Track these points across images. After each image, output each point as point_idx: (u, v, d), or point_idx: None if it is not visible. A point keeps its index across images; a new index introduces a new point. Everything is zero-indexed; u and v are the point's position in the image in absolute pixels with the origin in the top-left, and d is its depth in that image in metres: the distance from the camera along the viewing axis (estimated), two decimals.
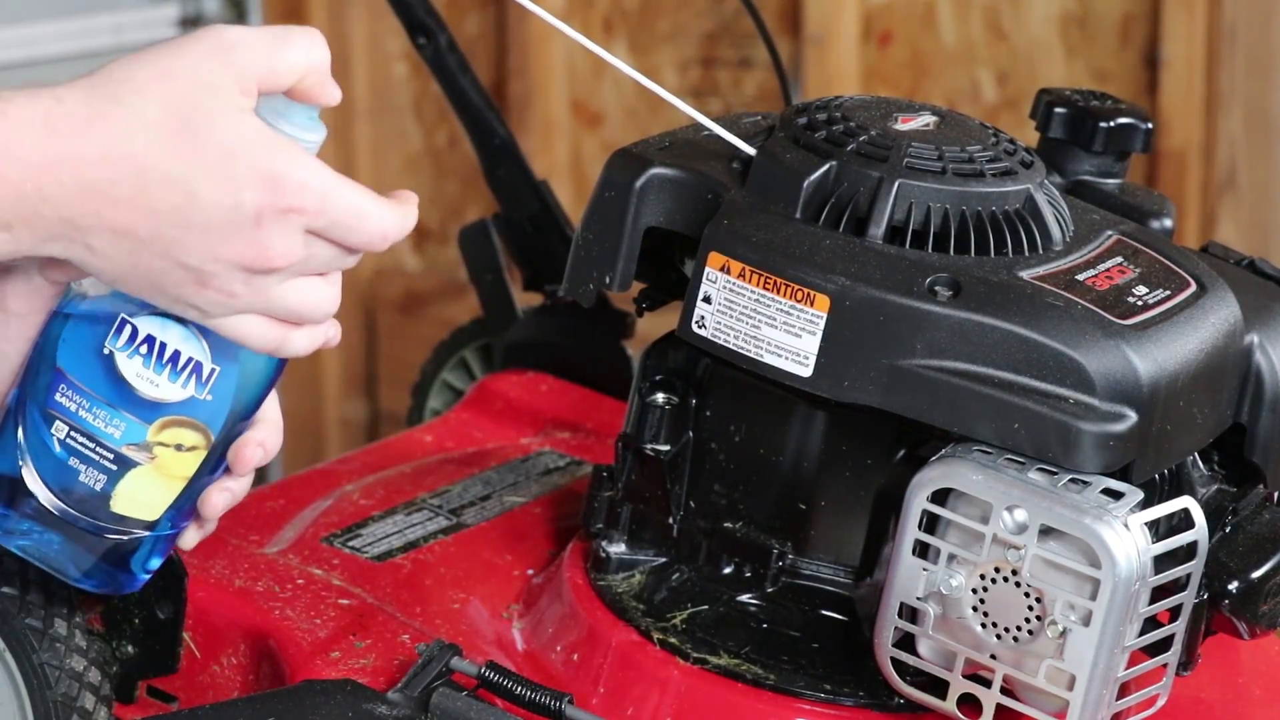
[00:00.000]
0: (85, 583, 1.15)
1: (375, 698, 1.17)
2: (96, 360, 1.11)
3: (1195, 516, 1.13)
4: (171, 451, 1.12)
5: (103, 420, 1.11)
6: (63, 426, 1.11)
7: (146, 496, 1.13)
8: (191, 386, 1.11)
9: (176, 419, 1.11)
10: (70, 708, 1.23)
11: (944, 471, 1.12)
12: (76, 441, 1.11)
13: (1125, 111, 1.36)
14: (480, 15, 2.99)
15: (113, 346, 1.11)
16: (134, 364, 1.11)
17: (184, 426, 1.12)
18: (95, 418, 1.11)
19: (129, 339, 1.10)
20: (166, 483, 1.13)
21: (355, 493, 1.47)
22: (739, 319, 1.19)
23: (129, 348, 1.11)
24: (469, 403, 1.66)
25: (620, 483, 1.28)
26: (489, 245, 1.77)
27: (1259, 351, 1.22)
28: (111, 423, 1.11)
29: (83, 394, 1.11)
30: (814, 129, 1.24)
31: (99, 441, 1.11)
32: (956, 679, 1.14)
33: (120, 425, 1.11)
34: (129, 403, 1.11)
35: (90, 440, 1.11)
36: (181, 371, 1.11)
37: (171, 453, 1.12)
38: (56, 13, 2.92)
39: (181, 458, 1.12)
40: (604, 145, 2.93)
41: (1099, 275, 1.20)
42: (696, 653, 1.22)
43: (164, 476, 1.12)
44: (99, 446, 1.11)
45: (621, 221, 1.24)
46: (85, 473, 1.12)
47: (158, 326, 1.10)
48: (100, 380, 1.11)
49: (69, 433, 1.11)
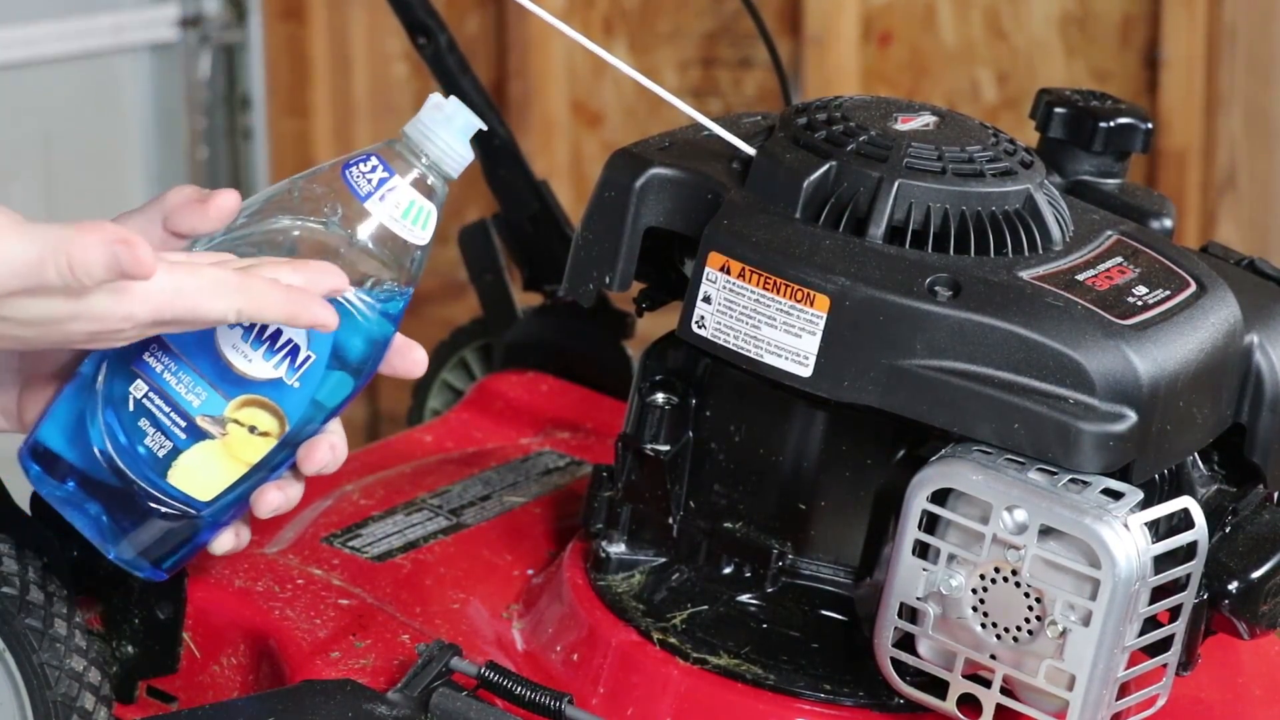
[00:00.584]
0: (113, 552, 1.14)
1: (375, 698, 1.17)
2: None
3: (1195, 516, 1.13)
4: (244, 432, 1.12)
5: (185, 386, 1.11)
6: (143, 385, 1.11)
7: (207, 474, 1.12)
8: (283, 369, 1.11)
9: (258, 399, 1.11)
10: (70, 708, 1.23)
11: (944, 471, 1.12)
12: (153, 403, 1.11)
13: (1125, 111, 1.36)
14: (480, 15, 2.99)
15: None
16: (232, 336, 1.11)
17: (263, 409, 1.12)
18: (178, 382, 1.11)
19: None
20: (230, 464, 1.13)
21: (355, 493, 1.47)
22: (739, 319, 1.19)
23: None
24: (469, 403, 1.66)
25: (620, 483, 1.28)
26: (489, 245, 1.77)
27: (1259, 351, 1.22)
28: (193, 390, 1.11)
29: (172, 357, 1.11)
30: (814, 129, 1.24)
31: (175, 406, 1.11)
32: (956, 679, 1.14)
33: (201, 394, 1.11)
34: (217, 373, 1.11)
35: (167, 404, 1.11)
36: (278, 351, 1.11)
37: (244, 433, 1.12)
38: (56, 13, 2.92)
39: (252, 441, 1.12)
40: (604, 145, 2.93)
41: (1099, 275, 1.20)
42: (696, 653, 1.22)
43: (229, 457, 1.12)
44: (174, 412, 1.11)
45: (621, 221, 1.24)
46: (153, 436, 1.11)
47: None
48: (194, 346, 1.11)
49: (147, 392, 1.11)
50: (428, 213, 1.14)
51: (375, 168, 1.13)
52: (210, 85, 3.07)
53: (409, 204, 1.13)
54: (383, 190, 1.13)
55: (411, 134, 1.14)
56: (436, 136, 1.14)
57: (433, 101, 1.15)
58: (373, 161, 1.13)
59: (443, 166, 1.15)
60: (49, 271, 1.02)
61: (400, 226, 1.13)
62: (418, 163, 1.14)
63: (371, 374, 1.15)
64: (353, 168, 1.13)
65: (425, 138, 1.14)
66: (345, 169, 1.13)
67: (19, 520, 1.27)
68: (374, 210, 1.12)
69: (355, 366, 1.14)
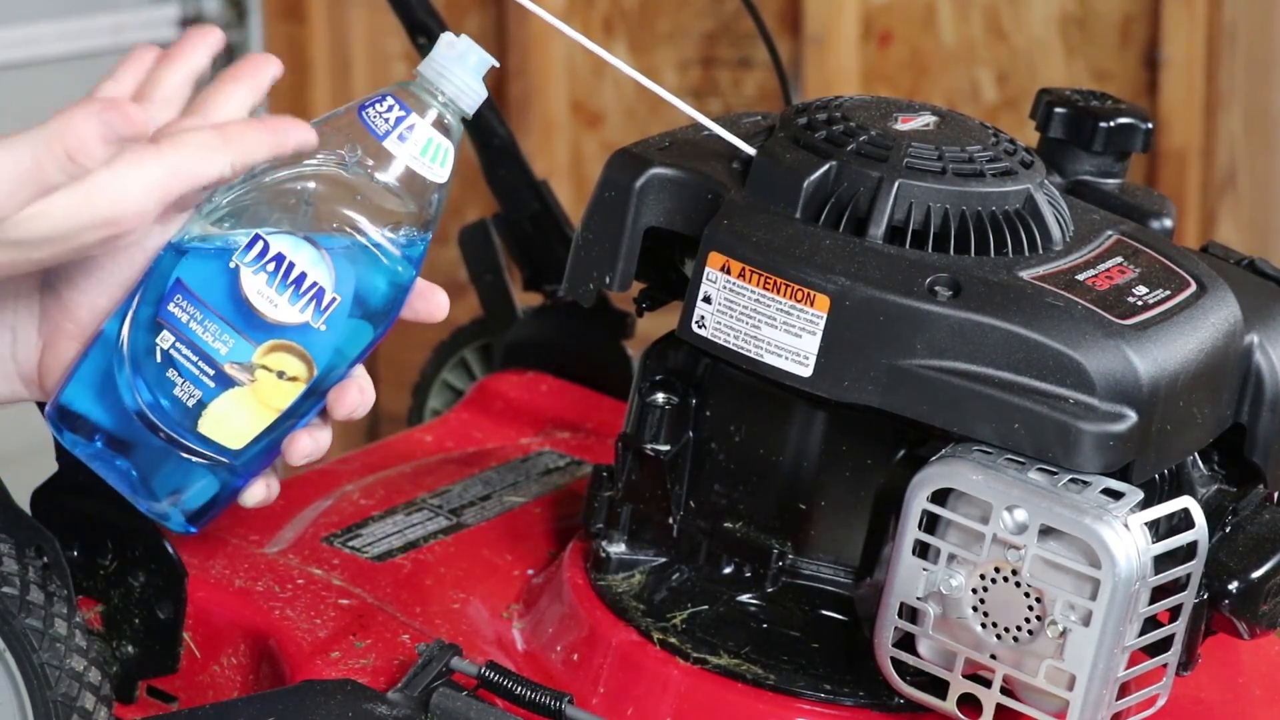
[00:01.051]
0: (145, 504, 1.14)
1: (375, 698, 1.17)
2: (220, 273, 1.11)
3: (1195, 516, 1.13)
4: (273, 378, 1.12)
5: (212, 334, 1.11)
6: (169, 336, 1.11)
7: (237, 421, 1.12)
8: (309, 312, 1.11)
9: (285, 344, 1.11)
10: (70, 708, 1.23)
11: (944, 471, 1.12)
12: (180, 353, 1.11)
13: (1125, 111, 1.36)
14: (480, 15, 3.00)
15: (240, 261, 1.11)
16: (258, 280, 1.11)
17: (291, 353, 1.12)
18: (205, 330, 1.11)
19: (259, 255, 1.11)
20: (260, 410, 1.13)
21: (355, 493, 1.47)
22: (739, 319, 1.19)
23: (256, 263, 1.11)
24: (469, 403, 1.66)
25: (620, 483, 1.28)
26: (489, 245, 1.78)
27: (1259, 351, 1.22)
28: (220, 338, 1.11)
29: (198, 305, 1.11)
30: (814, 129, 1.24)
31: (203, 354, 1.11)
32: (956, 679, 1.14)
33: (229, 341, 1.11)
34: (243, 319, 1.11)
35: (195, 353, 1.11)
36: (303, 295, 1.11)
37: (273, 379, 1.12)
38: (56, 13, 2.92)
39: (281, 386, 1.12)
40: (604, 145, 2.93)
41: (1099, 275, 1.20)
42: (696, 653, 1.22)
43: (259, 403, 1.12)
44: (201, 360, 1.11)
45: (621, 221, 1.24)
46: (181, 386, 1.11)
47: (290, 245, 1.11)
48: (219, 293, 1.11)
49: (174, 343, 1.11)
50: (446, 149, 1.15)
51: (392, 107, 1.14)
52: None
53: (427, 141, 1.14)
54: (401, 128, 1.13)
55: (427, 73, 1.15)
56: (452, 74, 1.15)
57: (446, 39, 1.15)
58: (389, 101, 1.14)
59: (459, 103, 1.15)
60: (49, 170, 1.02)
61: (420, 164, 1.13)
62: (434, 101, 1.15)
63: (393, 320, 1.15)
64: (369, 108, 1.13)
65: (441, 75, 1.15)
66: (361, 110, 1.14)
67: (19, 520, 1.27)
68: (393, 149, 1.13)
69: (379, 310, 1.14)
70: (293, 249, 1.11)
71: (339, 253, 1.11)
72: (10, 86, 2.86)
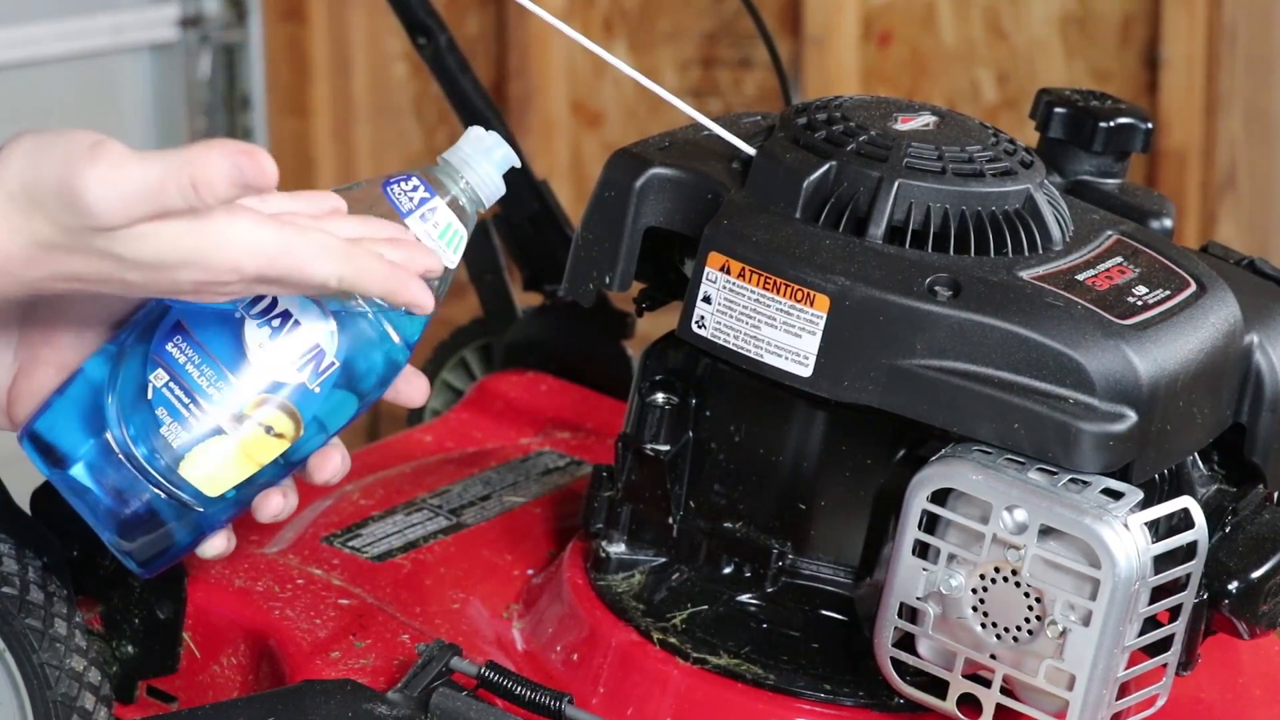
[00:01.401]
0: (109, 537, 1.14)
1: (375, 698, 1.17)
2: (224, 321, 1.11)
3: (1195, 516, 1.13)
4: (261, 431, 1.12)
5: (207, 379, 1.11)
6: (163, 375, 1.12)
7: (218, 469, 1.13)
8: (307, 373, 1.12)
9: (279, 400, 1.12)
10: (70, 708, 1.23)
11: (944, 471, 1.12)
12: (172, 393, 1.12)
13: (1125, 111, 1.36)
14: (480, 15, 3.00)
15: (246, 312, 1.11)
16: (261, 334, 1.11)
17: (282, 410, 1.12)
18: (201, 374, 1.11)
19: (266, 309, 1.11)
20: (242, 461, 1.13)
21: (355, 493, 1.47)
22: (739, 319, 1.19)
23: (262, 317, 1.11)
24: (469, 403, 1.66)
25: (620, 483, 1.28)
26: (489, 245, 1.78)
27: (1259, 351, 1.22)
28: (215, 384, 1.11)
29: (197, 349, 1.11)
30: (814, 129, 1.24)
31: (195, 398, 1.11)
32: (956, 679, 1.14)
33: (222, 389, 1.11)
34: (240, 369, 1.11)
35: (187, 395, 1.11)
36: (304, 355, 1.11)
37: (260, 433, 1.12)
38: (56, 13, 2.92)
39: (267, 441, 1.13)
40: (604, 145, 2.93)
41: (1099, 275, 1.20)
42: (696, 653, 1.22)
43: (242, 454, 1.13)
44: (193, 404, 1.11)
45: (621, 221, 1.24)
46: (169, 426, 1.12)
47: (298, 305, 1.12)
48: (220, 340, 1.11)
49: (168, 382, 1.12)
50: (461, 236, 1.16)
51: (417, 187, 1.15)
52: (210, 85, 3.07)
53: (446, 225, 1.15)
54: (424, 209, 1.15)
55: (452, 160, 1.17)
56: (477, 164, 1.17)
57: (474, 134, 1.18)
58: (414, 181, 1.15)
59: (479, 193, 1.17)
60: (171, 193, 1.00)
61: (436, 246, 1.14)
62: (455, 187, 1.16)
63: (379, 395, 1.15)
64: (394, 185, 1.15)
65: (466, 164, 1.17)
66: (386, 186, 1.15)
67: (19, 520, 1.28)
68: (414, 228, 1.14)
69: (370, 384, 1.14)
70: (300, 309, 1.12)
71: (344, 320, 1.12)
72: (10, 86, 2.87)
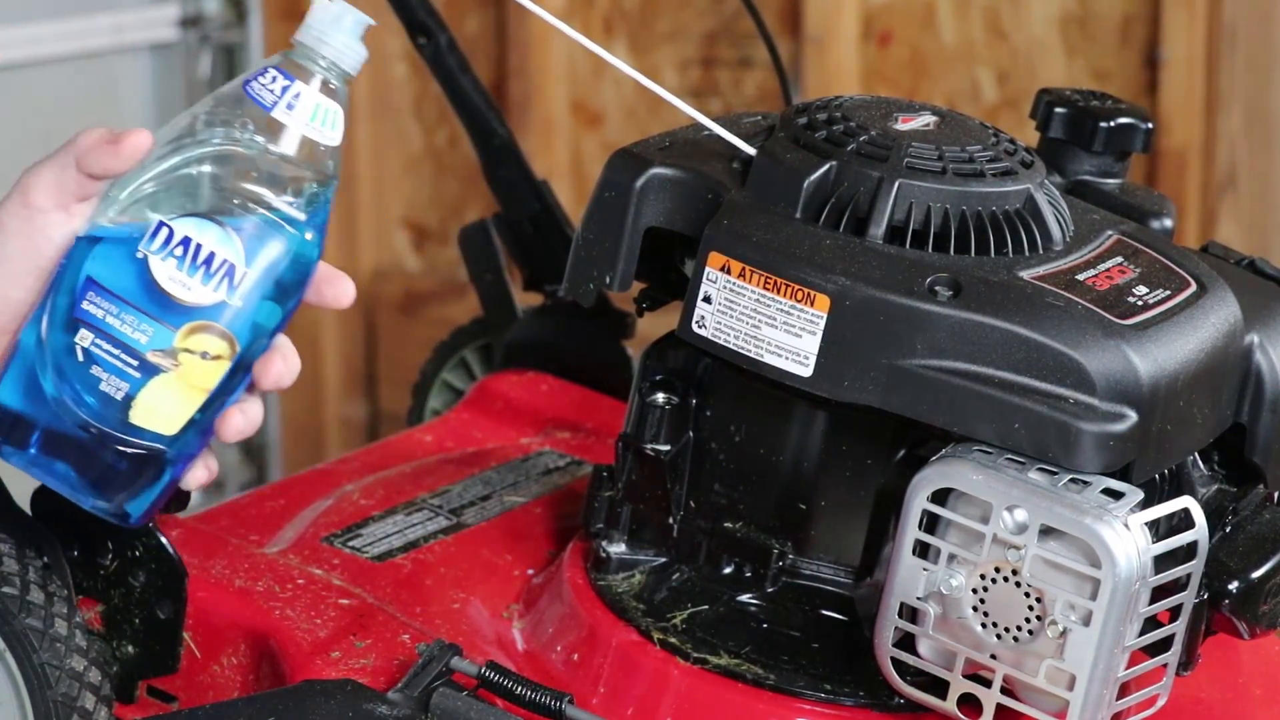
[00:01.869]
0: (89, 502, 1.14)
1: (375, 698, 1.17)
2: (129, 265, 1.12)
3: (1195, 516, 1.13)
4: (196, 359, 1.12)
5: (130, 326, 1.12)
6: (88, 334, 1.12)
7: (168, 407, 1.13)
8: (223, 290, 1.12)
9: (204, 324, 1.12)
10: (70, 708, 1.23)
11: (944, 471, 1.12)
12: (101, 349, 1.12)
13: (1125, 111, 1.36)
14: (480, 15, 2.99)
15: (147, 250, 1.12)
16: (168, 266, 1.12)
17: (211, 333, 1.12)
18: (123, 324, 1.12)
19: (165, 241, 1.12)
20: (188, 393, 1.13)
21: (355, 493, 1.47)
22: (739, 319, 1.19)
23: (164, 250, 1.12)
24: (469, 403, 1.66)
25: (620, 483, 1.28)
26: (489, 245, 1.78)
27: (1259, 351, 1.22)
28: (139, 328, 1.12)
29: (112, 299, 1.12)
30: (814, 129, 1.24)
31: (125, 347, 1.12)
32: (956, 679, 1.14)
33: (148, 330, 1.12)
34: (159, 307, 1.12)
35: (115, 346, 1.12)
36: (215, 274, 1.12)
37: (196, 360, 1.12)
38: (56, 13, 2.92)
39: (206, 366, 1.13)
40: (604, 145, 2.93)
41: (1099, 275, 1.20)
42: (696, 653, 1.22)
43: (187, 386, 1.13)
44: (124, 353, 1.12)
45: (621, 221, 1.24)
46: (107, 381, 1.12)
47: (195, 228, 1.12)
48: (131, 285, 1.12)
49: (94, 340, 1.12)
50: (334, 112, 1.16)
51: (276, 78, 1.15)
52: (210, 85, 3.06)
53: (315, 107, 1.15)
54: (287, 98, 1.14)
55: (306, 40, 1.16)
56: (330, 38, 1.16)
57: (320, 5, 1.17)
58: (272, 73, 1.15)
59: (342, 65, 1.16)
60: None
61: (311, 130, 1.14)
62: (317, 67, 1.15)
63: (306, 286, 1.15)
64: (254, 82, 1.15)
65: (320, 41, 1.16)
66: (246, 85, 1.14)
67: (19, 520, 1.28)
68: (282, 118, 1.14)
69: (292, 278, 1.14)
70: (198, 230, 1.12)
71: (245, 228, 1.12)
72: (10, 86, 2.86)
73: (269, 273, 1.13)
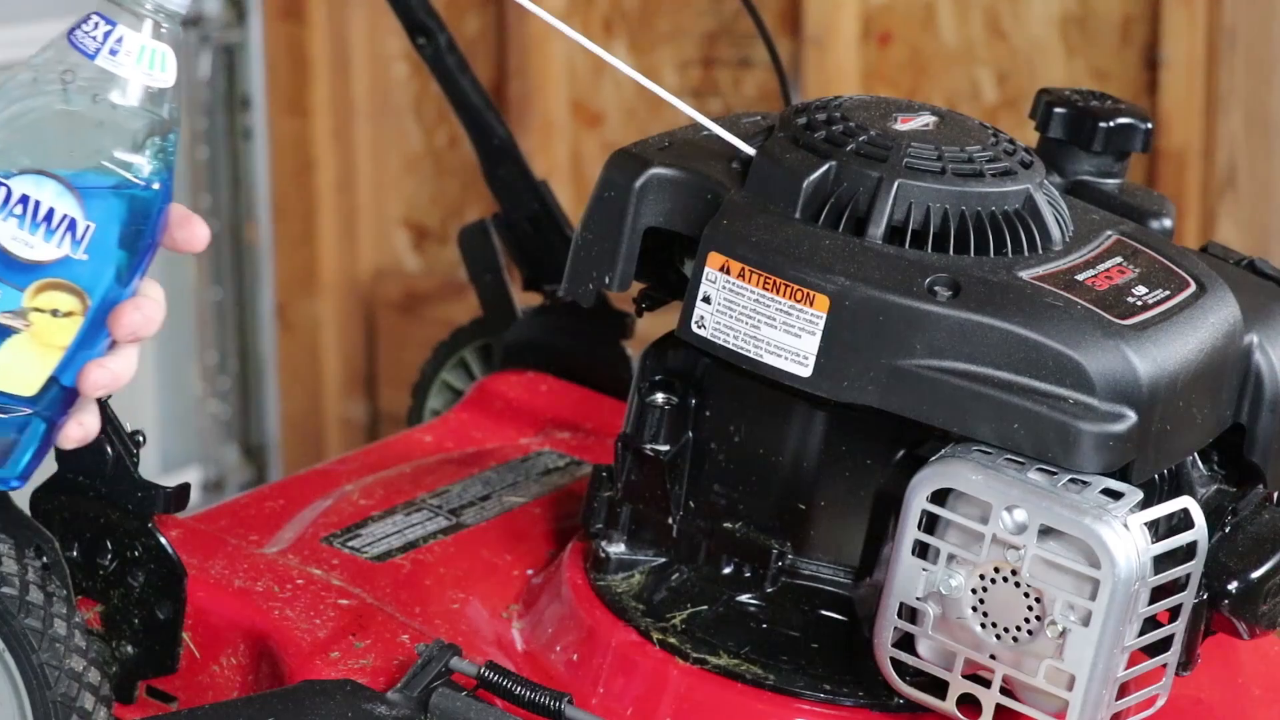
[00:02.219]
0: None
1: (375, 698, 1.17)
2: None
3: (1195, 516, 1.13)
4: (48, 318, 1.11)
5: None
6: None
7: (24, 369, 1.11)
8: (66, 245, 1.10)
9: (52, 281, 1.10)
10: (70, 708, 1.23)
11: (944, 471, 1.12)
12: None
13: (1125, 111, 1.36)
14: (480, 15, 2.99)
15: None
16: (8, 227, 1.10)
17: (60, 290, 1.11)
18: None
19: (3, 201, 1.10)
20: (44, 352, 1.11)
21: (355, 493, 1.47)
22: (739, 319, 1.19)
23: (3, 210, 1.10)
24: (469, 403, 1.66)
25: (620, 483, 1.28)
26: (489, 245, 1.77)
27: (1259, 351, 1.22)
28: None
29: None
30: (814, 129, 1.24)
31: None
32: (956, 679, 1.14)
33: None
34: (3, 267, 1.10)
35: None
36: (56, 229, 1.10)
37: (48, 319, 1.11)
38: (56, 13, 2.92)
39: (59, 324, 1.11)
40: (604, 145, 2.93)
41: (1099, 275, 1.20)
42: (696, 653, 1.22)
43: (41, 345, 1.11)
44: None
45: (621, 221, 1.24)
46: None
47: (32, 185, 1.10)
48: None
49: None
50: (162, 53, 1.13)
51: (98, 24, 1.12)
52: (210, 85, 3.07)
53: (140, 49, 1.12)
54: (110, 43, 1.12)
55: None
56: None
57: None
58: (94, 19, 1.12)
59: (166, 6, 1.13)
60: None
61: (140, 73, 1.12)
62: (140, 8, 1.13)
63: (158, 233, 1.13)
64: (76, 31, 1.13)
65: None
66: (70, 34, 1.13)
67: (19, 520, 1.27)
68: (108, 65, 1.12)
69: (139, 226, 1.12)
70: (35, 187, 1.10)
71: (82, 180, 1.11)
72: None
73: (112, 224, 1.10)
